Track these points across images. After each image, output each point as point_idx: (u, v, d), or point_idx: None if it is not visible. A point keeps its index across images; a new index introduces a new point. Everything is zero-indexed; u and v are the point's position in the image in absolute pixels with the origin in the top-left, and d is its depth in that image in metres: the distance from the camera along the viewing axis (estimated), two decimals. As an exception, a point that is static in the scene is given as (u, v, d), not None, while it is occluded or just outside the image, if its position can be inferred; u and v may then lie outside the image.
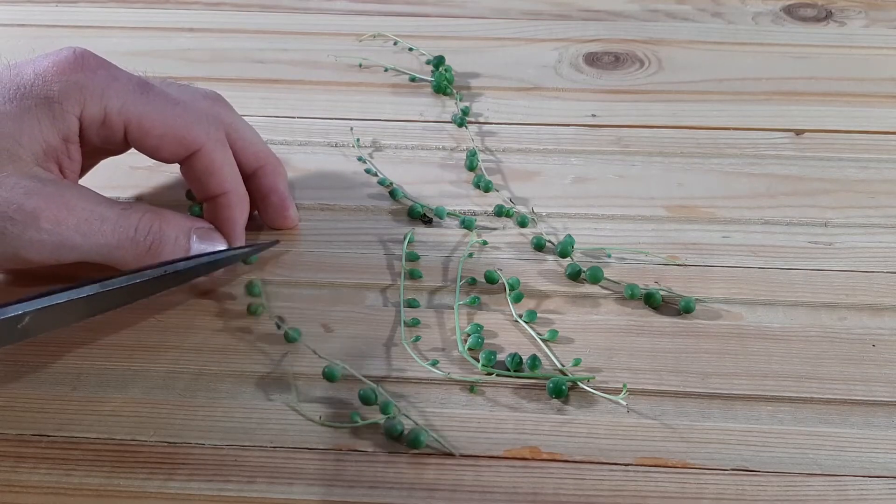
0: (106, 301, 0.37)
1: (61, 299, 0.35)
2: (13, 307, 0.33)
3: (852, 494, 0.34)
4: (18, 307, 0.33)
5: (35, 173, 0.36)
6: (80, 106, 0.37)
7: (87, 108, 0.37)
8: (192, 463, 0.36)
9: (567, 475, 0.35)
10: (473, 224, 0.46)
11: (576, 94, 0.55)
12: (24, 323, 0.33)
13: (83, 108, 0.37)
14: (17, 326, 0.33)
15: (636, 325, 0.41)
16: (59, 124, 0.37)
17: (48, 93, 0.36)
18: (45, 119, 0.36)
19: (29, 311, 0.33)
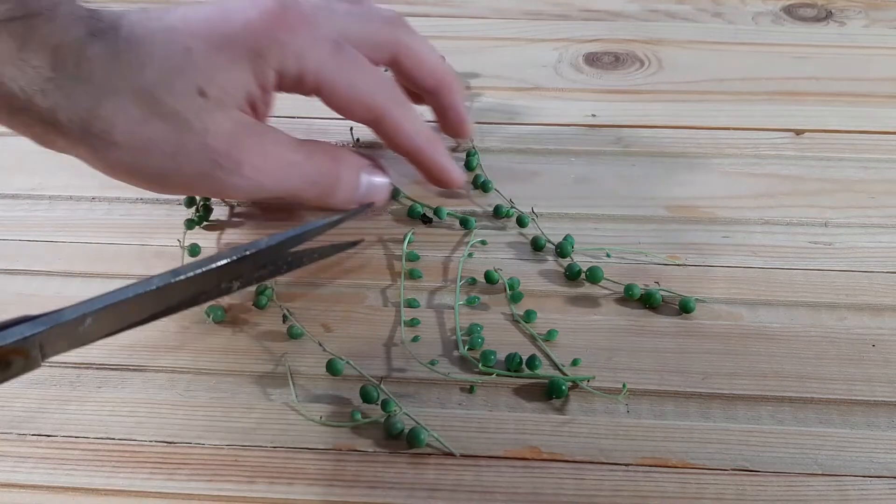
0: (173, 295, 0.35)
1: (124, 296, 0.33)
2: (71, 309, 0.32)
3: (853, 494, 0.34)
4: (78, 309, 0.32)
5: (238, 119, 0.39)
6: (280, 63, 0.40)
7: (287, 66, 0.40)
8: (192, 463, 0.36)
9: (567, 475, 0.35)
10: (473, 224, 0.46)
11: (576, 94, 0.55)
12: (85, 325, 0.32)
13: (282, 66, 0.40)
14: (78, 329, 0.32)
15: (636, 325, 0.41)
16: (260, 77, 0.40)
17: (254, 46, 0.39)
18: (248, 71, 0.39)
19: (90, 311, 0.32)
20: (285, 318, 0.41)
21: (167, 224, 0.47)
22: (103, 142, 0.38)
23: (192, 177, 0.39)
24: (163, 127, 0.38)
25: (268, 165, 0.40)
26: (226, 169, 0.39)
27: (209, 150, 0.38)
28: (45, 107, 0.36)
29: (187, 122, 0.38)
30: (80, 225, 0.47)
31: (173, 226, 0.46)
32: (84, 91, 0.37)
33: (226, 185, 0.39)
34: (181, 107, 0.38)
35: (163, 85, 0.38)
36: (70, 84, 0.37)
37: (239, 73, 0.39)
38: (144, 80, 0.38)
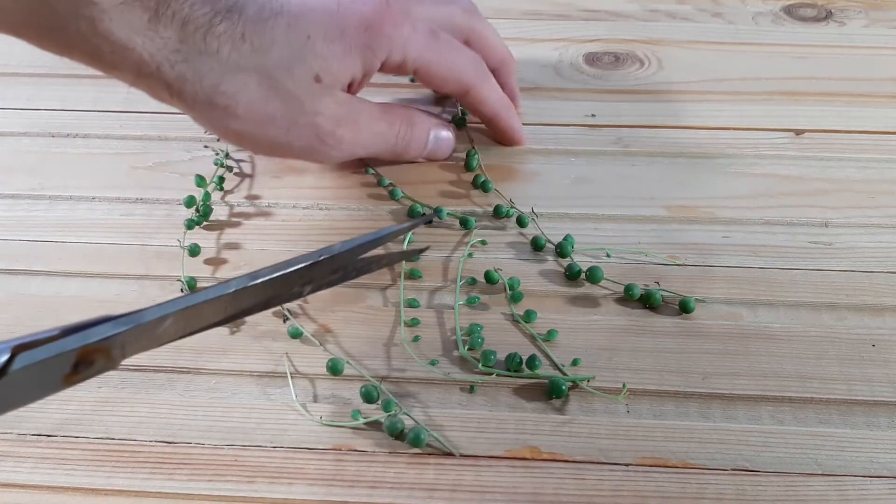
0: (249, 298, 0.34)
1: (204, 298, 0.32)
2: (153, 310, 0.31)
3: (853, 494, 0.34)
4: (160, 309, 0.31)
5: (341, 100, 0.44)
6: (386, 54, 0.44)
7: (391, 56, 0.45)
8: (192, 463, 0.36)
9: (567, 475, 0.35)
10: (473, 224, 0.46)
11: (576, 94, 0.55)
12: (164, 326, 0.31)
13: (388, 56, 0.45)
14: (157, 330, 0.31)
15: (636, 325, 0.41)
16: (367, 66, 0.44)
17: (366, 40, 0.43)
18: (358, 61, 0.44)
19: (170, 312, 0.31)
20: (285, 318, 0.41)
21: (167, 224, 0.47)
22: (225, 113, 0.42)
23: (299, 149, 0.44)
24: (280, 106, 0.42)
25: (361, 138, 0.46)
26: (329, 145, 0.44)
27: (317, 128, 0.44)
28: (171, 76, 0.40)
29: (302, 105, 0.43)
30: (80, 225, 0.47)
31: (173, 226, 0.46)
32: (209, 66, 0.40)
33: (326, 157, 0.46)
34: (299, 90, 0.42)
35: (284, 69, 0.42)
36: (196, 57, 0.40)
37: (351, 63, 0.43)
38: (268, 62, 0.42)
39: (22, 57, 0.46)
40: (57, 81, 0.56)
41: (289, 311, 0.41)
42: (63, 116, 0.54)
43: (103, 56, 0.40)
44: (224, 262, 0.45)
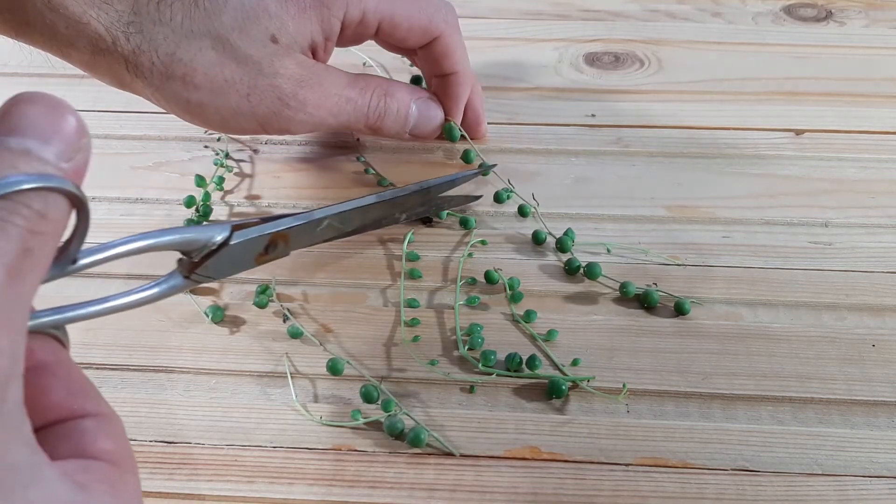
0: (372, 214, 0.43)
1: (349, 206, 0.41)
2: (318, 211, 0.40)
3: (853, 494, 0.34)
4: (322, 212, 0.40)
5: (302, 62, 0.43)
6: (344, 10, 0.43)
7: (349, 11, 0.43)
8: (192, 463, 0.36)
9: (567, 475, 0.35)
10: (473, 224, 0.46)
11: (576, 94, 0.55)
12: (322, 227, 0.40)
13: (346, 12, 0.43)
14: (317, 229, 0.40)
15: (636, 325, 0.41)
16: (325, 25, 0.43)
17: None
18: (315, 20, 0.43)
19: (328, 215, 0.40)
20: (285, 318, 0.41)
21: (167, 224, 0.47)
22: (185, 85, 0.41)
23: (262, 116, 0.43)
24: (238, 70, 0.41)
25: (328, 102, 0.44)
26: (292, 108, 0.43)
27: (278, 90, 0.42)
28: (128, 49, 0.40)
29: (260, 66, 0.42)
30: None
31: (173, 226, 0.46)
32: (164, 35, 0.40)
33: (292, 122, 0.44)
34: (255, 52, 0.41)
35: (238, 30, 0.41)
36: (151, 27, 0.40)
37: (307, 21, 0.43)
38: (221, 26, 0.41)
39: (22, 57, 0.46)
40: (57, 81, 0.56)
41: (289, 310, 0.41)
42: (63, 116, 0.54)
43: (59, 33, 0.40)
44: (224, 262, 0.45)
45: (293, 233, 0.39)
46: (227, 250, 0.35)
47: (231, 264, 0.36)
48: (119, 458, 0.27)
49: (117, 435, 0.28)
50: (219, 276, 0.36)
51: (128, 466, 0.27)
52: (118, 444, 0.27)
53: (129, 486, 0.27)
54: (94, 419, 0.27)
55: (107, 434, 0.27)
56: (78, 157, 0.25)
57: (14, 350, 0.23)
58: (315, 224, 0.40)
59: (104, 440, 0.27)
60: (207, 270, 0.35)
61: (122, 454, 0.27)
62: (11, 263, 0.23)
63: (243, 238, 0.36)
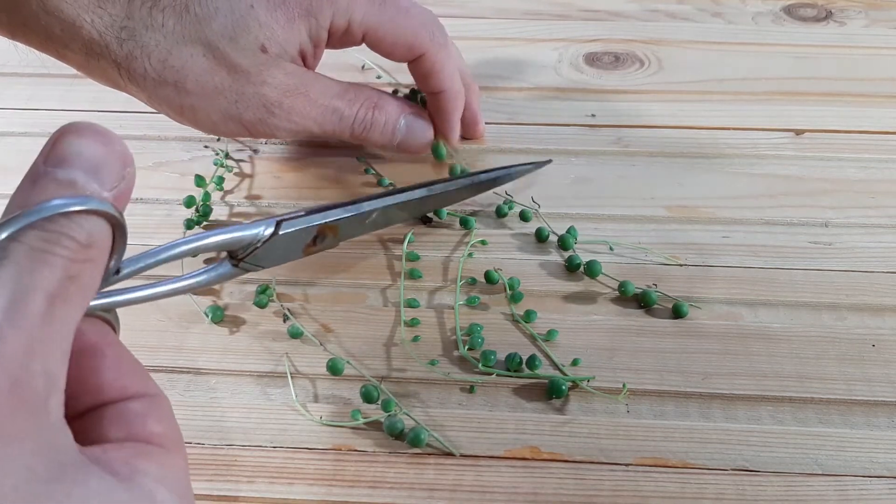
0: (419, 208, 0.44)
1: (396, 200, 0.42)
2: (366, 204, 0.41)
3: (853, 494, 0.34)
4: (370, 204, 0.41)
5: (290, 71, 0.43)
6: (330, 19, 0.44)
7: (336, 20, 0.44)
8: (192, 463, 0.36)
9: (567, 475, 0.35)
10: (473, 224, 0.46)
11: (576, 94, 0.55)
12: (371, 218, 0.41)
13: (332, 20, 0.44)
14: (366, 221, 0.41)
15: (636, 325, 0.41)
16: (313, 33, 0.44)
17: (307, 7, 0.43)
18: (303, 28, 0.44)
19: (376, 208, 0.41)
20: (285, 317, 0.41)
21: (167, 224, 0.47)
22: (177, 90, 0.42)
23: (249, 122, 0.44)
24: (227, 78, 0.42)
25: (313, 112, 0.44)
26: (278, 116, 0.44)
27: (265, 100, 0.43)
28: (120, 55, 0.41)
29: (248, 75, 0.42)
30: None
31: (173, 226, 0.46)
32: (156, 41, 0.41)
33: (277, 129, 0.44)
34: (244, 61, 0.42)
35: (229, 39, 0.42)
36: (143, 33, 0.41)
37: (296, 30, 0.43)
38: (212, 33, 0.42)
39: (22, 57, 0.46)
40: (57, 81, 0.56)
41: (289, 310, 0.41)
42: (63, 116, 0.54)
43: (54, 35, 0.40)
44: (224, 262, 0.45)
45: (342, 224, 0.40)
46: (274, 242, 0.36)
47: (279, 255, 0.37)
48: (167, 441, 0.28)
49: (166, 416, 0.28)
50: (268, 265, 0.37)
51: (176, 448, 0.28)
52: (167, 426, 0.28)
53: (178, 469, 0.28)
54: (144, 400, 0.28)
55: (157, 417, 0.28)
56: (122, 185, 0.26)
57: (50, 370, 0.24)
58: (363, 216, 0.41)
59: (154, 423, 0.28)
60: (256, 259, 0.36)
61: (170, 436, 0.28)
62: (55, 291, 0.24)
63: (291, 229, 0.37)
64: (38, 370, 0.24)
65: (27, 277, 0.24)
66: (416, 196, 0.43)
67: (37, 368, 0.24)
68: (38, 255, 0.24)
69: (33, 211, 0.24)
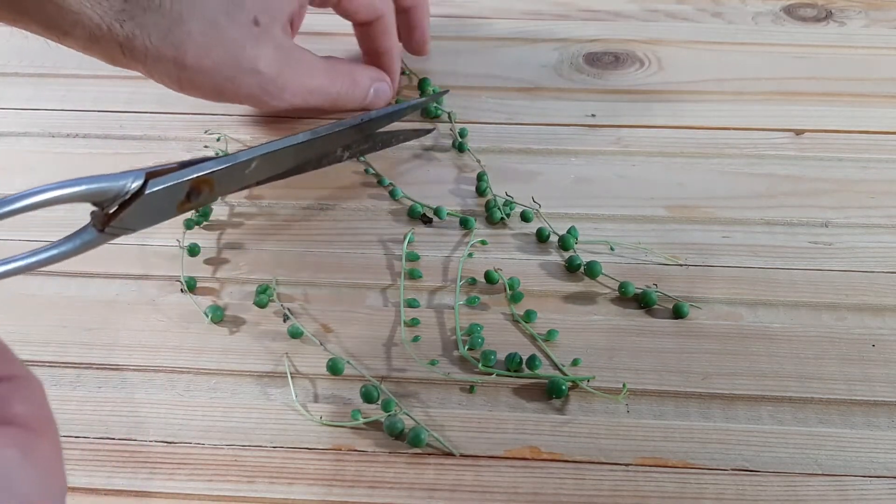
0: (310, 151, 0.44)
1: (279, 146, 0.41)
2: (243, 153, 0.40)
3: (853, 494, 0.34)
4: (248, 153, 0.40)
5: (281, 46, 0.46)
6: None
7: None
8: (192, 463, 0.36)
9: (567, 475, 0.35)
10: (473, 224, 0.46)
11: (576, 94, 0.55)
12: (251, 168, 0.40)
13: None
14: (245, 171, 0.40)
15: (636, 325, 0.41)
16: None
17: None
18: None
19: (256, 156, 0.40)
20: (285, 317, 0.41)
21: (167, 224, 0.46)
22: (176, 66, 0.44)
23: (244, 96, 0.47)
24: (223, 53, 0.44)
25: (302, 90, 0.48)
26: (271, 94, 0.47)
27: (259, 76, 0.46)
28: (122, 36, 0.42)
29: (243, 50, 0.45)
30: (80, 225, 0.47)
31: (173, 226, 0.46)
32: (154, 21, 0.43)
33: (269, 104, 0.48)
34: (239, 35, 0.45)
35: (224, 14, 0.44)
36: (142, 14, 0.42)
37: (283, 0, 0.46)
38: (208, 10, 0.44)
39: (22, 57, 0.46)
40: (57, 81, 0.56)
41: (289, 310, 0.41)
42: (63, 116, 0.54)
43: (55, 22, 0.42)
44: (224, 262, 0.45)
45: (217, 177, 0.38)
46: (142, 200, 0.34)
47: (150, 214, 0.36)
48: (34, 422, 0.27)
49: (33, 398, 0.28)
50: (138, 226, 0.36)
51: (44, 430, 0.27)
52: (34, 408, 0.27)
53: (44, 450, 0.27)
54: (8, 383, 0.27)
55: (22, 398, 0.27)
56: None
57: None
58: (242, 166, 0.40)
59: (18, 404, 0.27)
60: (124, 222, 0.35)
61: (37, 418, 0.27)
62: None
63: (160, 186, 0.35)
64: None
65: None
66: (298, 140, 0.42)
67: None
68: None
69: None
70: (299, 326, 0.41)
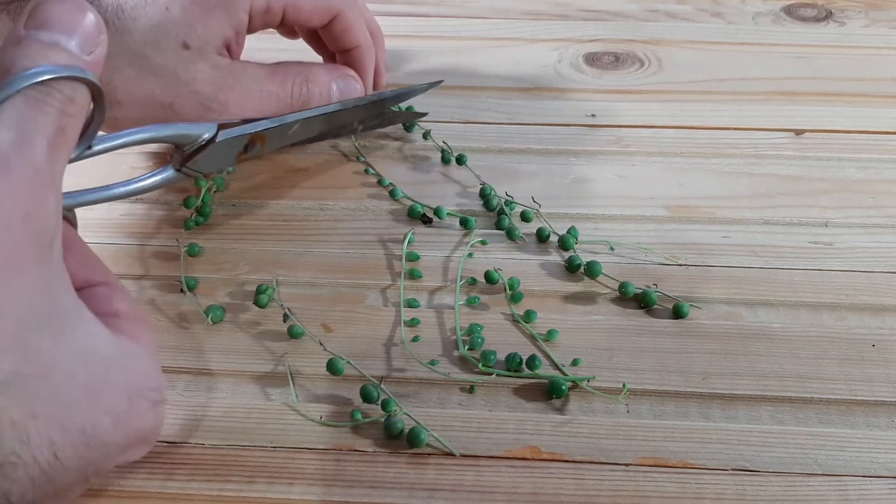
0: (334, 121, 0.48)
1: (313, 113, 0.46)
2: (290, 116, 0.45)
3: (853, 494, 0.34)
4: (293, 116, 0.45)
5: (218, 63, 0.45)
6: (249, 2, 0.45)
7: (255, 3, 0.45)
8: (192, 463, 0.36)
9: (567, 475, 0.35)
10: (473, 224, 0.46)
11: (576, 94, 0.55)
12: (293, 129, 0.45)
13: (252, 4, 0.45)
14: (288, 132, 0.45)
15: (636, 325, 0.41)
16: (234, 20, 0.45)
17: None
18: (223, 18, 0.44)
19: (298, 119, 0.45)
20: (286, 317, 0.41)
21: (167, 224, 0.47)
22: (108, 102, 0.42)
23: (189, 120, 0.44)
24: (155, 82, 0.43)
25: (249, 100, 0.45)
26: (215, 111, 0.44)
27: (199, 96, 0.44)
28: None
29: (176, 75, 0.43)
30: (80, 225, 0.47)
31: (173, 226, 0.47)
32: None
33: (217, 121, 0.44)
34: (169, 61, 0.43)
35: (150, 44, 0.43)
36: None
37: (215, 20, 0.44)
38: (133, 42, 0.43)
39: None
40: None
41: (289, 310, 0.41)
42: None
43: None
44: (224, 263, 0.45)
45: (269, 134, 0.44)
46: (213, 146, 0.40)
47: (216, 160, 0.42)
48: (135, 315, 0.32)
49: (129, 298, 0.33)
50: (206, 170, 0.41)
51: (144, 322, 0.33)
52: (131, 305, 0.33)
53: (148, 337, 0.32)
54: (107, 286, 0.32)
55: (120, 297, 0.32)
56: (98, 50, 0.29)
57: (59, 209, 0.28)
58: (287, 127, 0.45)
59: (119, 302, 0.32)
60: (196, 165, 0.41)
61: (136, 312, 0.32)
62: (52, 137, 0.28)
63: (228, 136, 0.41)
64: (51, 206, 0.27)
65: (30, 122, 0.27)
66: (329, 110, 0.47)
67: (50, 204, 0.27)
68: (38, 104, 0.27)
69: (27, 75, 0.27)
70: (299, 326, 0.41)
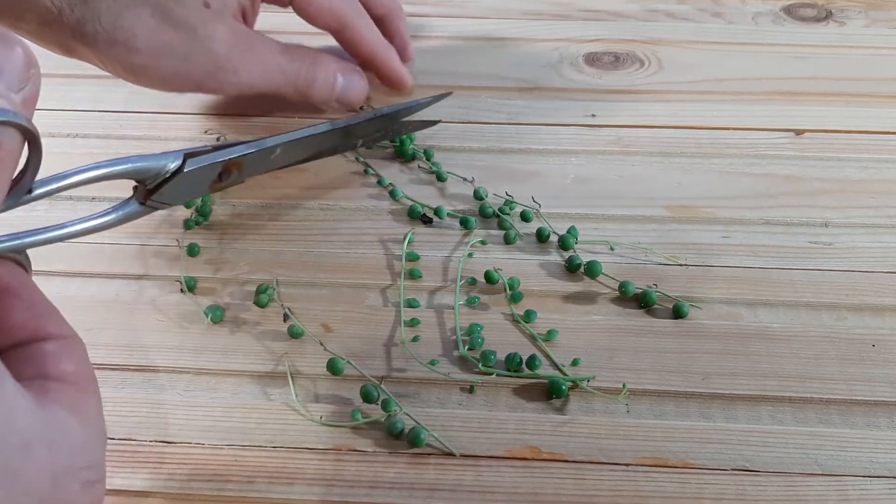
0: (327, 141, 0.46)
1: (300, 135, 0.44)
2: (269, 140, 0.42)
3: (853, 494, 0.34)
4: (273, 140, 0.42)
5: (234, 27, 0.47)
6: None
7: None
8: (192, 463, 0.36)
9: (567, 475, 0.35)
10: (473, 224, 0.46)
11: (576, 94, 0.55)
12: (275, 154, 0.43)
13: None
14: (271, 157, 0.43)
15: (636, 325, 0.41)
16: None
17: None
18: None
19: (280, 143, 0.42)
20: (286, 317, 0.41)
21: (167, 224, 0.47)
22: (127, 49, 0.44)
23: (199, 77, 0.46)
24: (175, 35, 0.45)
25: (259, 67, 0.47)
26: (227, 70, 0.46)
27: (213, 54, 0.46)
28: (73, 19, 0.43)
29: (195, 30, 0.45)
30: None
31: (173, 226, 0.46)
32: (106, 5, 0.43)
33: (226, 83, 0.47)
34: (190, 17, 0.45)
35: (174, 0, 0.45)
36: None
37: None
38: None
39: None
40: (57, 81, 0.56)
41: (289, 310, 0.41)
42: (63, 116, 0.54)
43: (7, 7, 0.43)
44: (224, 263, 0.45)
45: (246, 160, 0.41)
46: (181, 177, 0.37)
47: (186, 191, 0.38)
48: (80, 380, 0.29)
49: (79, 357, 0.29)
50: (175, 201, 0.38)
51: (89, 388, 0.29)
52: (80, 366, 0.29)
53: (90, 406, 0.29)
54: (57, 341, 0.29)
55: (69, 356, 0.29)
56: (28, 87, 0.26)
57: None
58: (268, 152, 0.42)
59: (66, 362, 0.28)
60: (163, 197, 0.37)
61: (83, 375, 0.29)
62: None
63: (196, 166, 0.38)
64: None
65: None
66: (320, 130, 0.45)
67: None
68: None
69: None
70: (299, 326, 0.41)
